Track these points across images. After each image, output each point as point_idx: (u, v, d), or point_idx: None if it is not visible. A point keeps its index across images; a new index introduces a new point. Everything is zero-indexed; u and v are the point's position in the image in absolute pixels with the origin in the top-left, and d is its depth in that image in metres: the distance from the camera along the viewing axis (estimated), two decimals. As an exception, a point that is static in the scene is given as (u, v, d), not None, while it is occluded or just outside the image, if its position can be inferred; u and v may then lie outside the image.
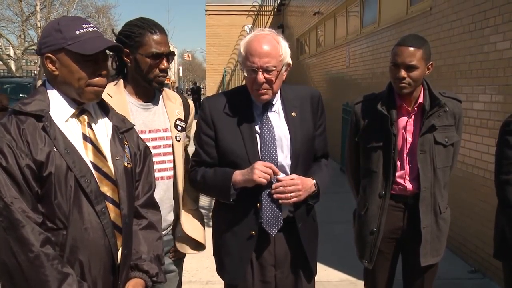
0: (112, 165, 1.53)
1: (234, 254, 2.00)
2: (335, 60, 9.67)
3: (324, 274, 3.73)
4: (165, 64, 1.89)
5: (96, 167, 1.48)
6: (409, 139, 2.24)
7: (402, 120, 2.25)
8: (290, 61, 1.92)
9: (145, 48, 1.84)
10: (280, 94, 1.98)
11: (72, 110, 1.49)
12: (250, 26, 18.37)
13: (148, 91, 1.96)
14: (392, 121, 2.20)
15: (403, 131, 2.24)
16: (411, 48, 2.12)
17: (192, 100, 23.13)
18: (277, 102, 1.98)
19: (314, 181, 1.93)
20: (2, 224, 1.33)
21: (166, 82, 2.09)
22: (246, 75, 1.88)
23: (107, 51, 1.53)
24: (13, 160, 1.35)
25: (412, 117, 2.24)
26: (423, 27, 5.14)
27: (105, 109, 1.61)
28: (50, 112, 1.44)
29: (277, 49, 1.85)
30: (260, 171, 1.80)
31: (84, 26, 1.46)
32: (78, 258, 1.43)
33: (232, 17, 18.36)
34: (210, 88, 19.14)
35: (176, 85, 40.84)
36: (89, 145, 1.50)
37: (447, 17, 4.58)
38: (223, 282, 2.10)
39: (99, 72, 1.47)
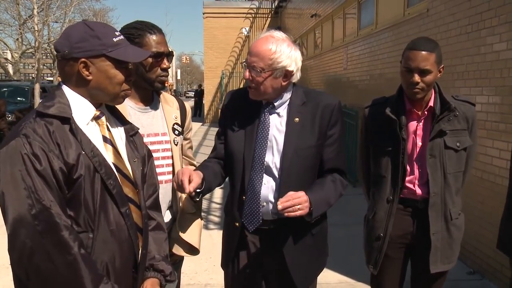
0: (130, 167, 1.55)
1: (223, 243, 2.11)
2: (333, 62, 9.70)
3: (323, 276, 3.71)
4: (166, 64, 1.90)
5: (118, 169, 1.50)
6: (419, 143, 2.19)
7: (412, 125, 2.20)
8: (290, 68, 1.85)
9: (146, 48, 1.83)
10: (290, 98, 1.96)
11: (93, 113, 1.50)
12: (247, 28, 18.40)
13: (146, 94, 1.96)
14: (401, 126, 2.16)
15: (413, 135, 2.20)
16: (424, 52, 2.06)
17: (194, 103, 23.03)
18: (284, 105, 1.96)
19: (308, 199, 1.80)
20: (38, 227, 1.31)
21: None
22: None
23: None
24: (46, 163, 1.34)
25: (422, 121, 2.20)
26: (420, 29, 5.15)
27: (115, 113, 1.62)
28: (72, 115, 1.44)
29: (269, 51, 1.81)
30: (176, 176, 1.77)
31: (117, 34, 1.50)
32: (104, 260, 1.44)
33: (229, 20, 18.37)
34: (208, 90, 19.14)
35: (174, 88, 40.81)
36: (110, 147, 1.51)
37: (444, 18, 4.59)
38: (221, 284, 2.11)
39: (130, 78, 1.51)
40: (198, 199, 1.91)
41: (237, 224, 1.97)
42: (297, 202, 1.73)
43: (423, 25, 5.10)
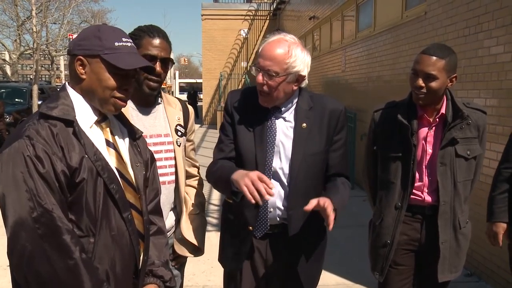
0: (132, 172, 1.53)
1: (234, 245, 2.01)
2: (331, 64, 9.71)
3: (321, 277, 3.75)
4: (157, 68, 1.86)
5: (121, 174, 1.47)
6: (429, 150, 2.16)
7: (423, 131, 2.17)
8: (303, 73, 1.83)
9: (141, 50, 1.83)
10: (297, 103, 1.94)
11: (96, 116, 1.47)
12: (246, 30, 18.42)
13: (148, 96, 1.96)
14: (413, 131, 2.13)
15: (423, 142, 2.17)
16: (433, 58, 2.03)
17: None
18: (290, 110, 1.93)
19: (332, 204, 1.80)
20: (39, 231, 1.28)
21: (162, 86, 2.09)
22: (253, 73, 1.88)
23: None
24: (49, 166, 1.31)
25: (433, 128, 2.16)
26: (418, 32, 5.18)
27: (119, 117, 1.60)
28: (76, 117, 1.41)
29: (284, 55, 1.78)
30: (249, 181, 1.67)
31: (124, 39, 1.45)
32: (105, 265, 1.42)
33: (228, 22, 18.39)
34: (206, 92, 19.14)
35: (173, 90, 40.80)
36: (112, 151, 1.49)
37: (442, 21, 4.61)
38: (219, 286, 2.11)
39: (125, 87, 1.45)
40: (239, 200, 1.82)
41: (251, 228, 1.93)
42: (331, 209, 1.71)
43: (421, 28, 5.12)
